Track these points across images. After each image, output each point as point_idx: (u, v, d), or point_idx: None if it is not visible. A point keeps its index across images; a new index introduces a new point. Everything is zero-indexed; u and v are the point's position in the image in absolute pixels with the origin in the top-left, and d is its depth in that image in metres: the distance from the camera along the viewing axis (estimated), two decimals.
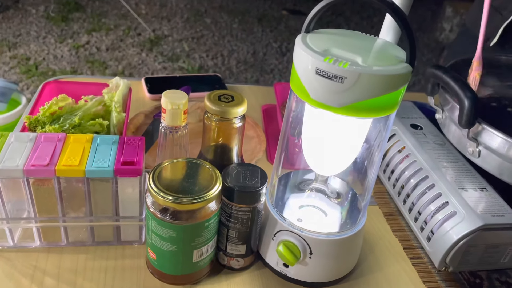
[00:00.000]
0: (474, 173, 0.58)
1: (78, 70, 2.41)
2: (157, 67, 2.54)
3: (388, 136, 0.48)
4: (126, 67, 2.49)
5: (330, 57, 0.39)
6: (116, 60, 2.54)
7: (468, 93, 0.52)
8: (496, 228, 0.50)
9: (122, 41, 2.74)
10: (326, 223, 0.51)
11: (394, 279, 0.54)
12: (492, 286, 0.55)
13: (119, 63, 2.52)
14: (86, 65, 2.47)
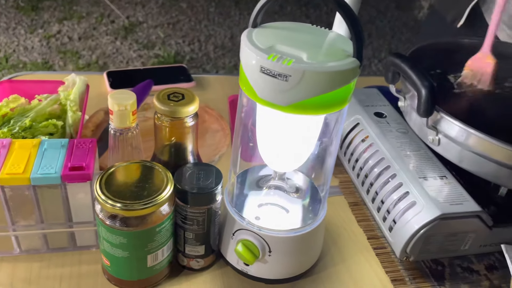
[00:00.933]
0: (435, 161, 0.58)
1: (49, 62, 2.35)
2: (132, 56, 2.48)
3: (342, 129, 0.48)
4: (100, 57, 2.43)
5: (274, 55, 0.37)
6: (90, 50, 2.48)
7: (425, 82, 0.51)
8: (454, 216, 0.51)
9: (95, 30, 2.67)
10: (288, 220, 0.51)
11: (356, 270, 0.55)
12: (454, 273, 0.56)
13: (92, 53, 2.46)
14: (58, 55, 2.40)
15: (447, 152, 0.55)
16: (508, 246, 0.53)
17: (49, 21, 2.70)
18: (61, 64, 2.34)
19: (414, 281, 0.54)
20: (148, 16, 2.91)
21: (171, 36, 2.72)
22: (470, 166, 0.54)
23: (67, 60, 2.37)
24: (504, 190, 0.56)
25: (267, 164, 0.49)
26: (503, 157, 0.50)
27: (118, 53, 2.48)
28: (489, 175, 0.53)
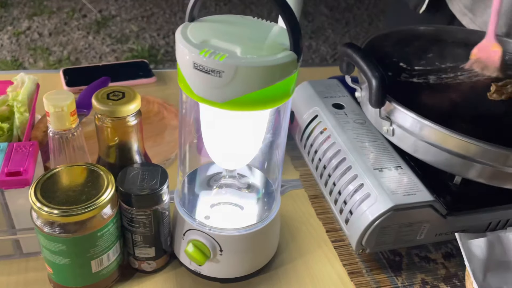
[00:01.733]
0: (391, 151, 0.58)
1: (19, 59, 2.29)
2: (105, 50, 2.43)
3: (288, 122, 0.47)
4: (71, 52, 2.38)
5: (207, 50, 0.36)
6: (61, 46, 2.42)
7: (376, 73, 0.51)
8: (407, 207, 0.50)
9: (66, 25, 2.60)
10: (242, 217, 0.50)
11: (314, 264, 0.54)
12: (411, 262, 0.56)
13: (64, 49, 2.40)
14: (28, 52, 2.33)
15: (401, 142, 0.55)
16: (462, 234, 0.53)
17: (18, 18, 2.62)
18: (31, 62, 2.28)
19: (371, 273, 0.54)
20: (121, 9, 2.85)
21: (146, 29, 2.67)
22: (424, 156, 0.54)
23: (37, 57, 2.31)
24: (459, 178, 0.56)
25: (215, 162, 0.47)
26: (455, 146, 0.50)
27: (90, 48, 2.43)
28: (443, 165, 0.53)
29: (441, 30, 0.72)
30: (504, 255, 0.53)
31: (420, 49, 0.68)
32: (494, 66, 0.63)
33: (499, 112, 0.57)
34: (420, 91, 0.60)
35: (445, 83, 0.61)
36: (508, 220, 0.57)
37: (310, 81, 0.71)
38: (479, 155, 0.49)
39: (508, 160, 0.49)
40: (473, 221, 0.55)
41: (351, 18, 3.05)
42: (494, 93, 0.58)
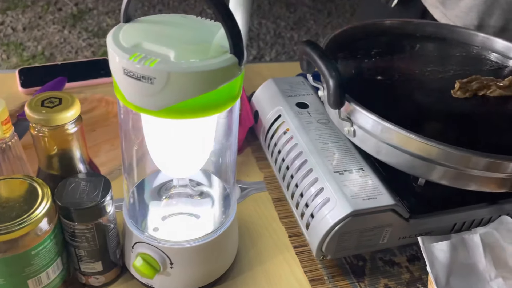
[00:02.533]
0: (353, 153, 0.56)
1: None
2: (81, 45, 2.37)
3: (237, 125, 0.44)
4: (46, 47, 2.31)
5: (138, 54, 0.33)
6: (35, 40, 2.35)
7: (333, 72, 0.48)
8: (368, 212, 0.48)
9: (41, 19, 2.53)
10: (197, 227, 0.47)
11: (274, 272, 0.52)
12: (374, 267, 0.54)
13: (38, 43, 2.33)
14: (1, 48, 2.26)
15: (363, 143, 0.53)
16: (425, 238, 0.51)
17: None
18: (4, 57, 2.21)
19: (333, 279, 0.52)
20: (98, 2, 2.78)
21: None
22: (387, 158, 0.52)
23: (10, 53, 2.24)
24: (422, 180, 0.55)
25: (162, 171, 0.45)
26: (417, 149, 0.48)
27: (66, 42, 2.36)
28: (405, 167, 0.51)
29: (408, 24, 0.70)
30: (468, 258, 0.52)
31: (386, 45, 0.66)
32: None
33: (462, 111, 0.55)
34: (383, 89, 0.58)
35: (411, 80, 0.60)
36: (473, 220, 0.55)
37: (274, 79, 0.69)
38: (441, 158, 0.47)
39: (470, 163, 0.47)
40: (437, 223, 0.53)
41: (333, 9, 3.02)
42: (458, 91, 0.56)
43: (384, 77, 0.59)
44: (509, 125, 0.54)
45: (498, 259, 0.52)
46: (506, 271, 0.52)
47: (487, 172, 0.48)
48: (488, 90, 0.56)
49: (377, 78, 0.59)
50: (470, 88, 0.56)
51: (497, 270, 0.51)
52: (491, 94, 0.56)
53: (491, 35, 0.67)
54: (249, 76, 0.86)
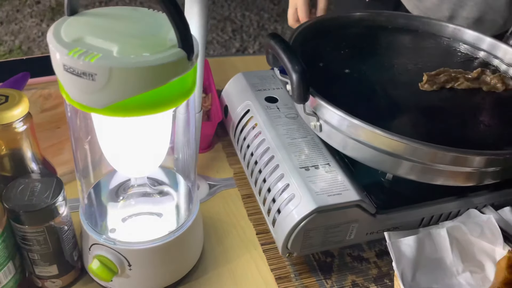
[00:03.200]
0: (321, 148, 0.55)
1: None
2: None
3: (194, 120, 0.43)
4: (23, 42, 2.25)
5: (78, 49, 0.32)
6: (12, 35, 2.29)
7: (296, 66, 0.47)
8: (332, 208, 0.48)
9: (18, 12, 2.47)
10: (157, 227, 0.46)
11: (240, 271, 0.51)
12: (342, 263, 0.53)
13: (15, 38, 2.27)
14: None
15: (330, 138, 0.52)
16: (392, 233, 0.50)
17: None
18: None
19: (299, 277, 0.51)
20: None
21: None
22: (353, 153, 0.51)
23: None
24: (390, 175, 0.54)
25: (118, 170, 0.43)
26: (383, 144, 0.47)
27: (44, 36, 2.30)
28: (372, 162, 0.50)
29: (379, 16, 0.69)
30: (435, 252, 0.51)
31: (355, 37, 0.65)
32: None
33: (429, 104, 0.54)
34: (351, 83, 0.57)
35: (379, 73, 0.59)
36: (441, 214, 0.55)
37: (244, 72, 0.67)
38: (407, 153, 0.46)
39: (436, 157, 0.47)
40: (404, 218, 0.53)
41: (317, 1, 3.00)
42: (426, 83, 0.55)
43: (352, 71, 0.58)
44: (475, 118, 0.53)
45: (465, 253, 0.52)
46: (473, 265, 0.52)
47: (454, 167, 0.48)
48: (456, 83, 0.56)
49: (345, 71, 0.58)
50: (438, 80, 0.55)
51: (464, 264, 0.51)
52: (459, 86, 0.56)
53: (463, 27, 0.67)
54: (225, 69, 0.84)
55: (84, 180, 0.45)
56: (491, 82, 0.57)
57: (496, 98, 0.56)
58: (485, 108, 0.55)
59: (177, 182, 0.50)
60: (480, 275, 0.52)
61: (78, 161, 0.43)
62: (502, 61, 0.62)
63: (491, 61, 0.63)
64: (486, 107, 0.55)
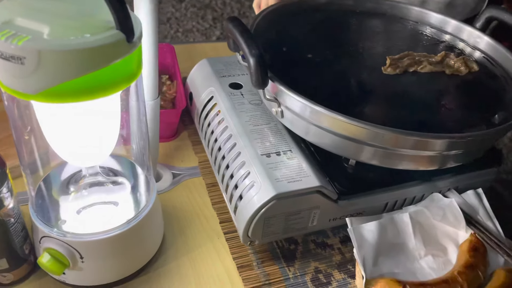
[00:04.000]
0: (283, 134, 0.54)
1: None
2: None
3: (144, 106, 0.42)
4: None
5: (7, 32, 0.30)
6: None
7: (253, 50, 0.46)
8: (292, 195, 0.47)
9: None
10: (111, 218, 0.45)
11: (201, 261, 0.50)
12: (306, 250, 0.53)
13: None
14: None
15: (292, 125, 0.51)
16: (354, 219, 0.50)
17: None
18: None
19: (262, 265, 0.50)
20: None
21: None
22: (315, 139, 0.50)
23: None
24: (353, 160, 0.53)
25: (67, 161, 0.42)
26: (344, 130, 0.46)
27: None
28: (334, 148, 0.49)
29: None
30: (397, 237, 0.51)
31: (320, 21, 0.64)
32: None
33: (392, 88, 0.53)
34: (313, 68, 0.55)
35: (342, 58, 0.58)
36: (405, 199, 0.55)
37: (208, 58, 0.66)
38: (369, 138, 0.46)
39: (398, 142, 0.46)
40: (368, 204, 0.52)
41: None
42: (389, 67, 0.54)
43: (315, 55, 0.57)
44: (437, 102, 0.53)
45: (428, 237, 0.52)
46: (436, 249, 0.52)
47: (416, 151, 0.47)
48: (419, 66, 0.55)
49: (308, 56, 0.56)
50: (401, 64, 0.55)
51: (427, 248, 0.51)
52: (422, 70, 0.55)
53: (430, 10, 0.66)
54: (193, 56, 0.82)
55: (33, 172, 0.43)
56: (454, 65, 0.56)
57: (458, 82, 0.56)
58: (447, 91, 0.55)
59: (132, 171, 0.48)
60: (442, 258, 0.52)
61: (22, 152, 0.41)
62: (467, 44, 0.61)
63: (456, 44, 0.62)
64: (448, 91, 0.55)
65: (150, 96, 0.49)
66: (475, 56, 0.60)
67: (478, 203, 0.55)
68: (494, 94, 0.55)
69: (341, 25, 0.65)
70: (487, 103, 0.54)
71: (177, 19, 2.55)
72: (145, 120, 0.43)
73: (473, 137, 0.47)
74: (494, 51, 0.60)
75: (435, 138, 0.46)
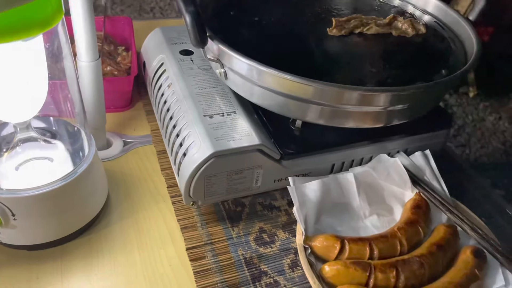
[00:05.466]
0: (229, 97, 0.54)
1: None
2: None
3: (70, 54, 0.41)
4: None
5: None
6: None
7: (189, 7, 0.45)
8: (231, 153, 0.47)
9: None
10: (51, 173, 0.44)
11: (145, 222, 0.50)
12: (253, 212, 0.53)
13: None
14: None
15: (236, 86, 0.51)
16: (297, 178, 0.50)
17: None
18: None
19: (206, 226, 0.50)
20: None
21: None
22: (260, 101, 0.50)
23: None
24: (299, 122, 0.53)
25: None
26: (286, 88, 0.46)
27: None
28: (279, 109, 0.49)
29: None
30: (342, 196, 0.51)
31: None
32: None
33: (337, 48, 0.53)
34: (260, 30, 0.55)
35: (290, 20, 0.57)
36: (353, 160, 0.55)
37: (162, 27, 0.65)
38: (313, 96, 0.46)
39: (343, 98, 0.46)
40: (313, 164, 0.52)
41: None
42: (334, 28, 0.54)
43: (261, 18, 0.57)
44: (381, 60, 0.53)
45: (373, 196, 0.52)
46: (382, 208, 0.52)
47: (361, 107, 0.47)
48: (365, 28, 0.55)
49: (255, 19, 0.56)
50: (347, 26, 0.55)
51: (372, 207, 0.51)
52: (368, 31, 0.55)
53: None
54: None
55: None
56: (402, 27, 0.56)
57: (404, 42, 0.56)
58: (392, 51, 0.55)
59: (68, 129, 0.48)
60: (387, 218, 0.52)
61: None
62: (416, 7, 0.61)
63: (406, 8, 0.62)
64: (393, 51, 0.55)
65: (88, 57, 0.48)
66: (425, 19, 0.60)
67: (425, 164, 0.55)
68: (440, 55, 0.55)
69: None
70: (431, 63, 0.54)
71: (161, 9, 2.53)
72: (76, 77, 0.42)
73: (414, 90, 0.47)
74: (443, 14, 0.60)
75: (379, 92, 0.46)
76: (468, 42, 0.55)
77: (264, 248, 0.49)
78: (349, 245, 0.45)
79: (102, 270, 0.45)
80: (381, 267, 0.43)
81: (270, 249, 0.49)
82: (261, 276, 0.46)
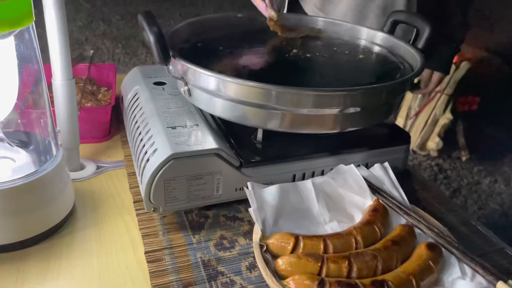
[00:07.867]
0: (194, 114, 0.57)
1: None
2: None
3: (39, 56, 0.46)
4: None
5: None
6: None
7: (153, 28, 0.51)
8: (189, 155, 0.49)
9: None
10: (14, 171, 0.46)
11: (107, 232, 0.51)
12: (216, 222, 0.53)
13: None
14: None
15: (199, 101, 0.55)
16: (255, 183, 0.52)
17: None
18: None
19: (167, 233, 0.51)
20: None
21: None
22: (221, 112, 0.53)
23: None
24: (260, 133, 0.56)
25: None
26: (246, 96, 0.49)
27: None
28: (239, 118, 0.52)
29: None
30: (301, 202, 0.52)
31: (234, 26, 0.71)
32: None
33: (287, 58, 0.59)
34: (222, 54, 0.61)
35: (250, 47, 0.64)
36: (313, 172, 0.56)
37: (139, 66, 0.72)
38: (272, 100, 0.49)
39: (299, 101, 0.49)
40: (274, 173, 0.54)
41: None
42: None
43: (224, 47, 0.62)
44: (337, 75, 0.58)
45: (333, 204, 0.53)
46: (342, 215, 0.53)
47: (317, 109, 0.50)
48: None
49: (219, 48, 0.62)
50: None
51: (331, 214, 0.52)
52: None
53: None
54: None
55: None
56: None
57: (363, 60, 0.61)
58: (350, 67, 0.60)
59: (37, 139, 0.51)
60: (348, 224, 0.52)
61: None
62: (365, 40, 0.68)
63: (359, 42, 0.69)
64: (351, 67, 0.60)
65: (62, 76, 0.53)
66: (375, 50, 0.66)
67: (384, 175, 0.57)
68: (390, 71, 0.60)
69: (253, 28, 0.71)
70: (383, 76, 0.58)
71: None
72: (45, 88, 0.46)
73: (363, 90, 0.51)
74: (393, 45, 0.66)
75: (331, 92, 0.50)
76: (415, 64, 0.60)
77: (223, 252, 0.49)
78: (304, 241, 0.45)
79: (57, 272, 0.45)
80: (333, 259, 0.43)
81: (230, 253, 0.49)
82: (217, 276, 0.45)
